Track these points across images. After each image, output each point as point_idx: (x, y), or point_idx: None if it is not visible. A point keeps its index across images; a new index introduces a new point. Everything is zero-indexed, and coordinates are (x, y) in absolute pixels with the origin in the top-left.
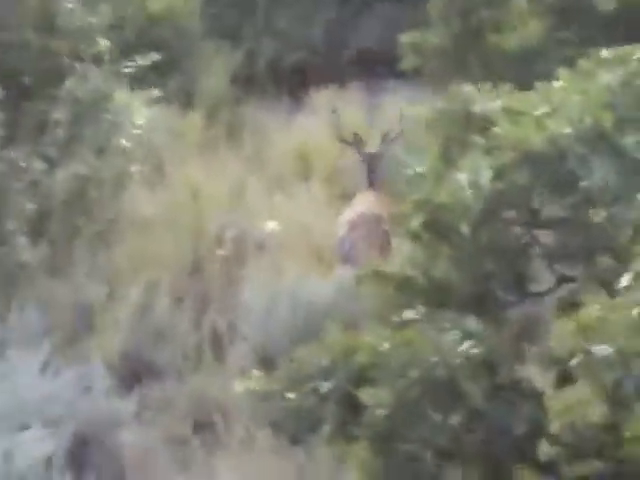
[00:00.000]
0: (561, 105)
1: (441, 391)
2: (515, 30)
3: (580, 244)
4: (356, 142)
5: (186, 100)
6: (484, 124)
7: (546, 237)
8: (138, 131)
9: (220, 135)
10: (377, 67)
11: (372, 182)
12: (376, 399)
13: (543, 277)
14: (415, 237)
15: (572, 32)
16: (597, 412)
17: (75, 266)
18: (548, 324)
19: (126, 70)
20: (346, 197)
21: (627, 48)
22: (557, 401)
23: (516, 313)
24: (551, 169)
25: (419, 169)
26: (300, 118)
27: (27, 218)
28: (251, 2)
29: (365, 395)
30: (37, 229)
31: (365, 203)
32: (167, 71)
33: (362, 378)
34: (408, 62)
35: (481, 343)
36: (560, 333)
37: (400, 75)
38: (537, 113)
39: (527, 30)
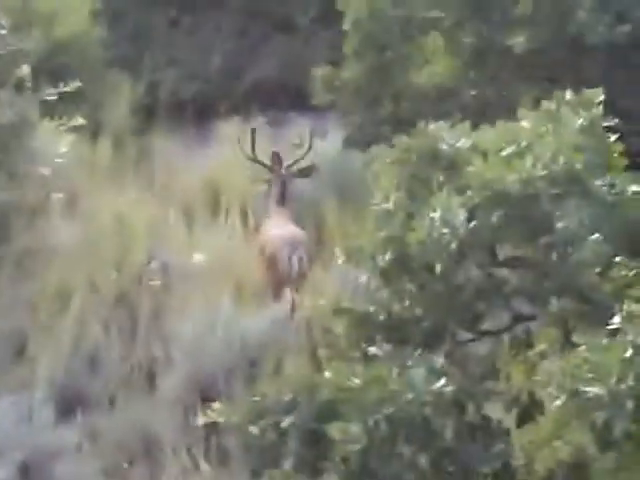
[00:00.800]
0: (530, 145)
1: (413, 428)
2: (428, 67)
3: (545, 284)
4: (274, 161)
5: (93, 130)
6: (451, 162)
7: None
8: (60, 160)
9: (128, 166)
10: (277, 99)
11: (283, 202)
12: (347, 434)
13: (498, 315)
14: (383, 274)
15: (485, 72)
16: (564, 450)
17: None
18: (505, 363)
19: (47, 98)
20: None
21: (590, 92)
22: (522, 438)
23: (475, 351)
24: (524, 210)
25: (386, 206)
26: (205, 149)
27: None
28: (150, 32)
29: (334, 430)
30: None
31: (287, 223)
32: (73, 100)
33: (326, 414)
34: (320, 97)
35: (449, 381)
36: (548, 373)
37: (300, 107)
38: (505, 153)
39: (440, 68)
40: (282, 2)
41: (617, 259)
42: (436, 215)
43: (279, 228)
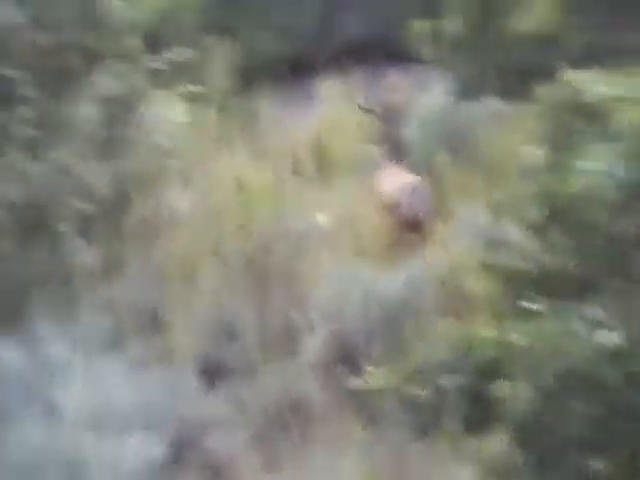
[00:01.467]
0: None
1: (583, 383)
2: (531, 14)
3: None
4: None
5: (197, 96)
6: (595, 112)
7: None
8: (175, 128)
9: (236, 130)
10: (371, 54)
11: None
12: (516, 393)
13: None
14: (535, 228)
15: (591, 17)
16: None
17: (128, 267)
18: None
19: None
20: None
21: None
22: None
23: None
24: None
25: (534, 159)
26: (307, 108)
27: (78, 219)
28: None
29: (504, 389)
30: (87, 230)
31: (401, 173)
32: (177, 68)
33: (489, 372)
34: (428, 51)
35: (613, 332)
36: None
37: (395, 61)
38: None
39: (545, 14)
40: None
41: None
42: (592, 166)
43: (395, 176)
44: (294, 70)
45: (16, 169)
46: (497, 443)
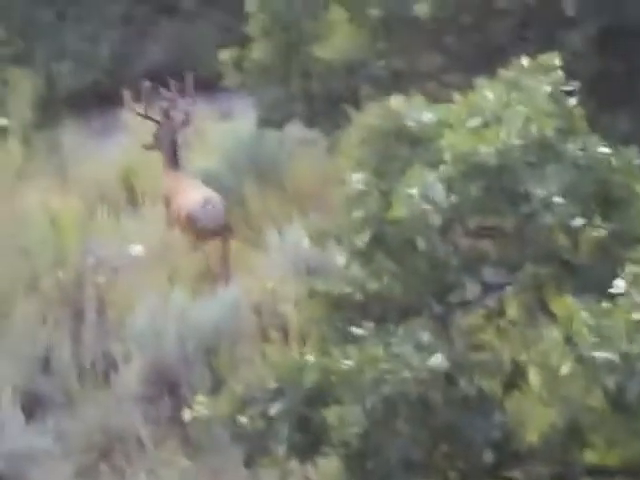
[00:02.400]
0: (496, 115)
1: (411, 406)
2: (333, 40)
3: (522, 251)
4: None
5: None
6: (417, 137)
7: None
8: None
9: (40, 161)
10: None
11: (177, 163)
12: (344, 418)
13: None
14: (360, 254)
15: (392, 42)
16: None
17: None
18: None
19: None
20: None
21: (546, 56)
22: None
23: (453, 323)
24: (501, 180)
25: (358, 185)
26: (111, 137)
27: None
28: (39, 26)
29: (331, 414)
30: None
31: (188, 182)
32: None
33: (316, 398)
34: (231, 79)
35: (439, 355)
36: (547, 340)
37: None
38: (472, 124)
39: (345, 41)
40: None
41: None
42: (414, 191)
43: (186, 187)
44: (97, 100)
45: None
46: (327, 468)
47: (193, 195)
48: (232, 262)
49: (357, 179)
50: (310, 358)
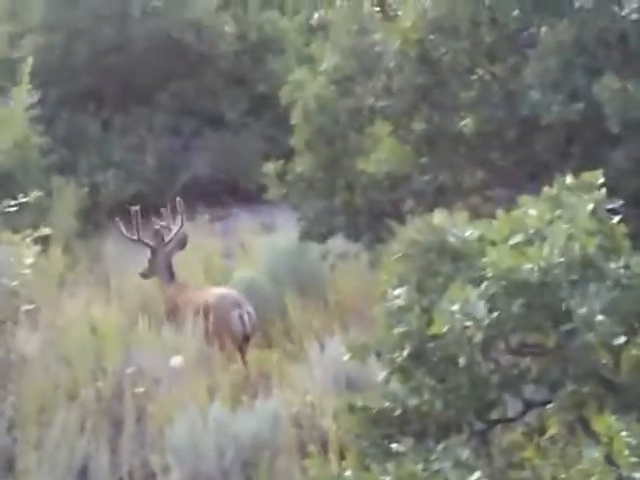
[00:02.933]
0: (538, 232)
1: None
2: (377, 155)
3: (564, 369)
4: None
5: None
6: (459, 253)
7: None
8: (26, 271)
9: (82, 271)
10: (216, 194)
11: (172, 277)
12: None
13: (510, 403)
14: (401, 369)
15: (437, 157)
16: None
17: None
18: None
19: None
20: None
21: (590, 174)
22: None
23: (493, 439)
24: (543, 297)
25: (400, 300)
26: None
27: None
28: (84, 135)
29: None
30: None
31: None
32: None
33: None
34: (274, 191)
35: (478, 472)
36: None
37: (241, 201)
38: (513, 241)
39: (390, 155)
40: (211, 97)
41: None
42: (455, 307)
43: (203, 292)
44: (140, 211)
45: None
46: None
47: (222, 297)
48: (272, 374)
49: (398, 294)
50: (349, 474)
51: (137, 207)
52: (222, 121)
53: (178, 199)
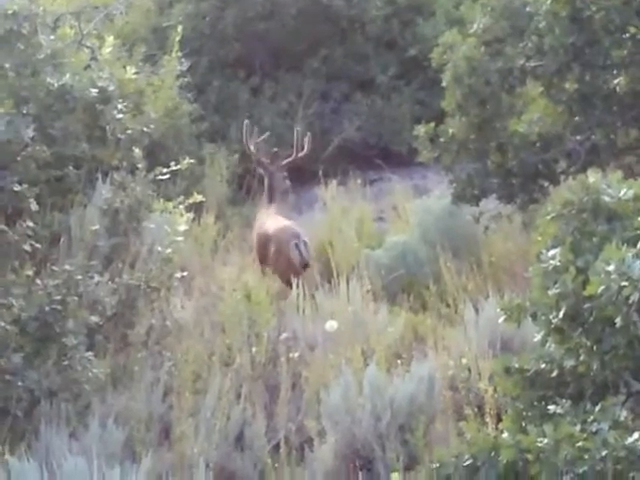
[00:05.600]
0: None
1: None
2: (530, 115)
3: None
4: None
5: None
6: (614, 213)
7: None
8: (179, 238)
9: (234, 238)
10: (367, 158)
11: (272, 198)
12: None
13: None
14: (557, 330)
15: (590, 117)
16: None
17: (137, 377)
18: None
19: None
20: (377, 293)
21: None
22: None
23: None
24: None
25: (554, 262)
26: (308, 214)
27: (85, 332)
28: (234, 102)
29: None
30: (95, 342)
31: (279, 217)
32: (173, 176)
33: (511, 476)
34: (426, 154)
35: (637, 434)
36: None
37: (392, 165)
38: None
39: (542, 115)
40: (361, 62)
41: None
42: (611, 268)
43: (275, 222)
44: (292, 175)
45: (22, 283)
46: None
47: (282, 230)
48: (427, 337)
49: (553, 255)
50: (506, 436)
51: (247, 121)
52: (372, 85)
53: (308, 134)
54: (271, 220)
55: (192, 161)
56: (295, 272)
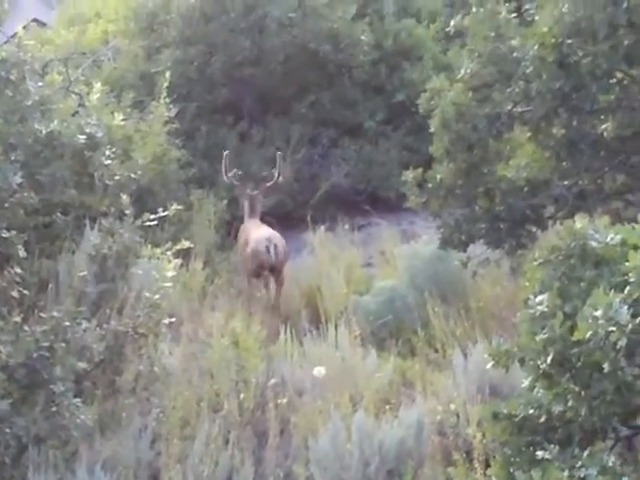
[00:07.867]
0: None
1: None
2: (517, 160)
3: None
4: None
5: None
6: (601, 258)
7: None
8: (167, 284)
9: (222, 283)
10: (355, 203)
11: (253, 213)
12: None
13: None
14: (545, 376)
15: (577, 162)
16: None
17: (125, 424)
18: None
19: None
20: (366, 339)
21: None
22: None
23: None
24: None
25: (542, 307)
26: (295, 259)
27: (73, 378)
28: (222, 148)
29: None
30: (83, 388)
31: (260, 226)
32: (159, 222)
33: None
34: (414, 199)
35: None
36: None
37: (380, 210)
38: None
39: (529, 160)
40: (349, 107)
41: None
42: (599, 313)
43: (255, 229)
44: (280, 221)
45: (10, 330)
46: None
47: (259, 235)
48: (415, 383)
49: (541, 300)
50: None
51: (227, 151)
52: (360, 130)
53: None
54: (255, 227)
55: (180, 207)
56: (262, 269)
